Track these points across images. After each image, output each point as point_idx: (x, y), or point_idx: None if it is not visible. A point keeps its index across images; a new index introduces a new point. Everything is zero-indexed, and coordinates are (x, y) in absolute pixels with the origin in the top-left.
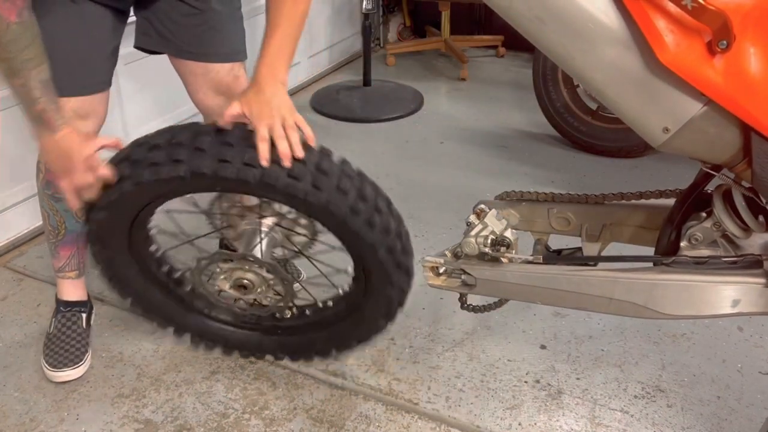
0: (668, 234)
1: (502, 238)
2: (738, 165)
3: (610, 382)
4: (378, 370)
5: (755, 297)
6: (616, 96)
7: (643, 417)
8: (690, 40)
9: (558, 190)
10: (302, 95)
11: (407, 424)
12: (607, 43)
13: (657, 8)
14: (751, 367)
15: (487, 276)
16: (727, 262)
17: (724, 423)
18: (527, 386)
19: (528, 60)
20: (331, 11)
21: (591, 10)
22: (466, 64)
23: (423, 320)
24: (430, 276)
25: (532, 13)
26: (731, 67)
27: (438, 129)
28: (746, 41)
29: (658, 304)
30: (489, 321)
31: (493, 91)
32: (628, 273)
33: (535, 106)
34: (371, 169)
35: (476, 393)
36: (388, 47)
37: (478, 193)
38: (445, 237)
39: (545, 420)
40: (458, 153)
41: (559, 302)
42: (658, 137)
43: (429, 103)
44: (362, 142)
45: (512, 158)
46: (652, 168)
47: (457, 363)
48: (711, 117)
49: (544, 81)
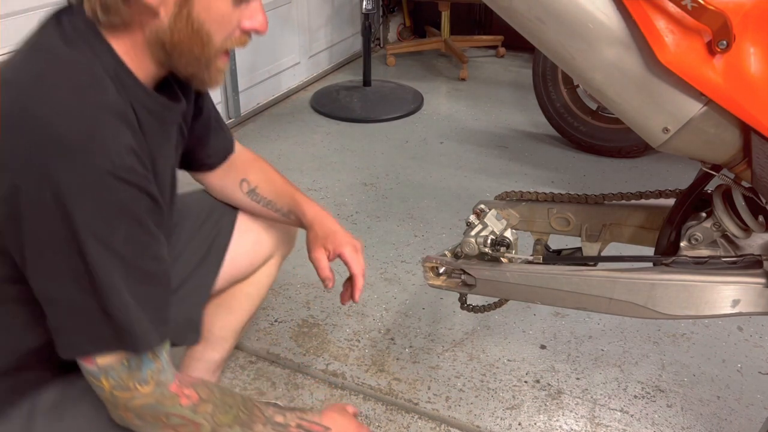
0: (668, 234)
1: (501, 238)
2: (738, 165)
3: (610, 382)
4: (378, 370)
5: (755, 297)
6: (616, 96)
7: (643, 417)
8: (690, 40)
9: (558, 190)
10: (302, 95)
11: (407, 424)
12: (607, 43)
13: (657, 8)
14: (750, 367)
15: (487, 276)
16: (727, 262)
17: (723, 423)
18: (527, 386)
19: (528, 60)
20: (331, 11)
21: (591, 10)
22: (466, 64)
23: (423, 320)
24: (430, 276)
25: (532, 13)
26: (731, 67)
27: (438, 129)
28: (746, 41)
29: (658, 304)
30: (489, 321)
31: (493, 91)
32: (628, 273)
33: (535, 106)
34: (371, 169)
35: (476, 393)
36: (388, 47)
37: (478, 193)
38: (444, 237)
39: (545, 420)
40: (458, 153)
41: (558, 302)
42: (657, 137)
43: (429, 103)
44: (362, 142)
45: (512, 158)
46: (652, 168)
47: (457, 363)
48: (711, 117)
49: (544, 81)
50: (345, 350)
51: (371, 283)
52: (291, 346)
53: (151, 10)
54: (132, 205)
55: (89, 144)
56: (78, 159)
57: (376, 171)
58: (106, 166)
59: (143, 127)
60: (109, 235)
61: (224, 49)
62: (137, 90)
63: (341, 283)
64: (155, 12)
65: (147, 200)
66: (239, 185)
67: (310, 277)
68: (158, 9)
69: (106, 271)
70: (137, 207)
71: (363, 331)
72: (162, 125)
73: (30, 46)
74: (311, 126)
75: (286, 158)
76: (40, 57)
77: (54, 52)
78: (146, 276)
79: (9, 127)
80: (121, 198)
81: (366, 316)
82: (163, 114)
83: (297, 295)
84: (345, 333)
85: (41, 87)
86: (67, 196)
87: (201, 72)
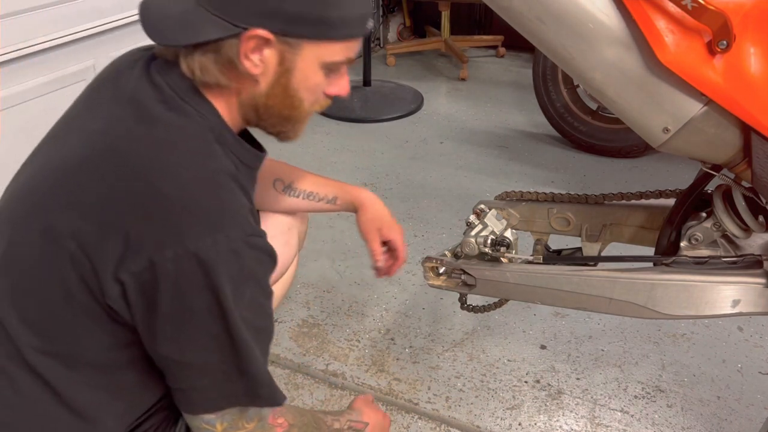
0: (668, 234)
1: (502, 238)
2: (738, 165)
3: (610, 382)
4: (378, 370)
5: (755, 297)
6: (616, 96)
7: (643, 417)
8: (690, 40)
9: (558, 190)
10: None
11: (407, 424)
12: (607, 43)
13: (657, 8)
14: (751, 367)
15: (487, 276)
16: (727, 262)
17: (724, 423)
18: (527, 386)
19: (528, 60)
20: None
21: (591, 10)
22: (466, 64)
23: (423, 320)
24: (430, 276)
25: (532, 13)
26: (731, 67)
27: (438, 129)
28: (746, 41)
29: (658, 304)
30: (489, 321)
31: (493, 91)
32: (628, 273)
33: (535, 106)
34: (371, 169)
35: (476, 393)
36: (388, 47)
37: (478, 193)
38: (444, 237)
39: (545, 420)
40: (458, 153)
41: (559, 302)
42: (658, 137)
43: (429, 103)
44: (362, 142)
45: (512, 158)
46: (652, 168)
47: (457, 363)
48: (711, 117)
49: (544, 81)
50: (345, 350)
51: (371, 283)
52: (291, 346)
53: (252, 77)
54: (257, 268)
55: (219, 215)
56: (213, 231)
57: (376, 171)
58: (239, 234)
59: (243, 181)
60: (239, 298)
61: (311, 112)
62: (237, 146)
63: (341, 285)
64: (256, 79)
65: (268, 260)
66: (272, 185)
67: (310, 277)
68: (259, 78)
69: (240, 332)
70: (260, 269)
71: (363, 331)
72: (253, 175)
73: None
74: (311, 126)
75: (286, 158)
76: (150, 128)
77: (162, 119)
78: (262, 333)
79: (137, 205)
80: (250, 264)
81: (366, 316)
82: (256, 164)
83: (297, 295)
84: (345, 333)
85: (161, 162)
86: (206, 267)
87: (287, 130)
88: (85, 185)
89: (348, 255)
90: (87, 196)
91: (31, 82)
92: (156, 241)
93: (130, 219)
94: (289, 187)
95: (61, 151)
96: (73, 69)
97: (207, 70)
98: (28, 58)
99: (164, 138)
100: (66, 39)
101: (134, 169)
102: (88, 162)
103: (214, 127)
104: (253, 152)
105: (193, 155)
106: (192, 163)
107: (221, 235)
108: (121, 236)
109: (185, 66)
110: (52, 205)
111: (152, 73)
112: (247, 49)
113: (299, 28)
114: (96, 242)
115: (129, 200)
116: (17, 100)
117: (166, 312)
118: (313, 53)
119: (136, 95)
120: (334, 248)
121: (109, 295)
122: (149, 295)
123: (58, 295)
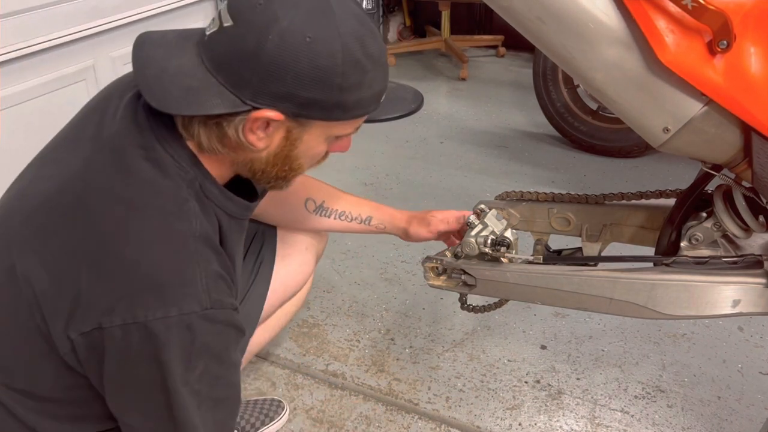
0: (668, 234)
1: (502, 238)
2: (738, 165)
3: (610, 382)
4: (378, 370)
5: (755, 297)
6: (617, 96)
7: (644, 417)
8: (690, 40)
9: (558, 190)
10: None
11: (407, 424)
12: (608, 43)
13: (657, 8)
14: (751, 367)
15: (487, 276)
16: (727, 262)
17: (724, 423)
18: (527, 386)
19: (528, 60)
20: None
21: (591, 10)
22: (466, 64)
23: (423, 320)
24: (430, 276)
25: (532, 13)
26: (731, 67)
27: (438, 129)
28: (746, 41)
29: (659, 304)
30: (489, 321)
31: (493, 91)
32: (628, 273)
33: (535, 106)
34: (371, 169)
35: (476, 393)
36: (388, 47)
37: (478, 193)
38: None
39: (545, 420)
40: (458, 153)
41: (559, 302)
42: (658, 137)
43: (429, 103)
44: (362, 142)
45: (512, 158)
46: (652, 168)
47: (457, 363)
48: (711, 117)
49: (544, 81)
50: (345, 350)
51: (371, 283)
52: (291, 347)
53: (255, 148)
54: (213, 341)
55: (176, 287)
56: (165, 304)
57: (376, 171)
58: (194, 308)
59: (224, 231)
60: (188, 373)
61: (307, 169)
62: (222, 199)
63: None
64: (258, 150)
65: (228, 331)
66: (304, 205)
67: None
68: (262, 150)
69: (183, 405)
70: (217, 342)
71: (363, 331)
72: (242, 224)
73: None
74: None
75: None
76: (124, 181)
77: (138, 172)
78: (217, 403)
79: (94, 265)
80: (204, 338)
81: (366, 316)
82: (244, 215)
83: None
84: (345, 333)
85: (127, 226)
86: (155, 340)
87: (280, 186)
88: (51, 231)
89: (348, 255)
90: (50, 242)
91: (31, 82)
92: (107, 305)
93: (84, 277)
94: (321, 207)
95: (39, 183)
96: (73, 69)
97: (205, 138)
98: (27, 58)
99: (135, 197)
100: (66, 39)
101: (99, 229)
102: (59, 207)
103: (193, 180)
104: (241, 204)
105: (162, 217)
106: (159, 228)
107: (174, 308)
108: (73, 294)
109: (181, 127)
110: (20, 242)
111: (139, 111)
112: (254, 126)
113: (312, 112)
114: (49, 294)
115: (87, 259)
116: (17, 100)
117: (111, 374)
118: (322, 129)
119: (116, 139)
120: (334, 248)
121: (60, 349)
122: (97, 355)
123: (19, 336)
